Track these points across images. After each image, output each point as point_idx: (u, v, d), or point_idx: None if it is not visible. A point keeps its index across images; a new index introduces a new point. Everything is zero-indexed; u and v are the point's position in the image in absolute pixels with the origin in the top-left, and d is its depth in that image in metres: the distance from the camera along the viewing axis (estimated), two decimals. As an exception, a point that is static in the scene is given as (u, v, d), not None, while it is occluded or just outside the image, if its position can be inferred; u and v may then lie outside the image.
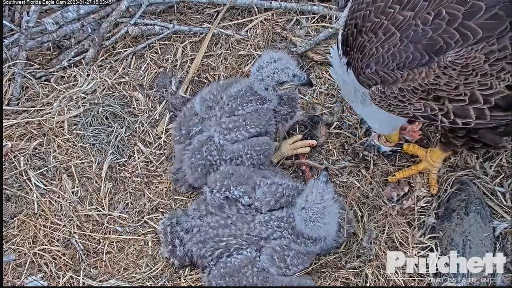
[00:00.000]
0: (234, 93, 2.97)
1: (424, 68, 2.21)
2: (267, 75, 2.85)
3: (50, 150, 3.20)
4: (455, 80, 2.20)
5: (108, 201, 3.10)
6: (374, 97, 2.37)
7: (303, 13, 3.60)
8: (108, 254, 2.96)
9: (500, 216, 2.91)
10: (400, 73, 2.26)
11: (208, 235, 2.77)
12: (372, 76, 2.33)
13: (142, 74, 3.46)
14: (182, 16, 3.66)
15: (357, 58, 2.40)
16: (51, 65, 3.50)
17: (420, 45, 2.21)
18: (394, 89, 2.30)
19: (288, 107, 3.02)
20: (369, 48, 2.33)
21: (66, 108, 3.31)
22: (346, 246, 2.89)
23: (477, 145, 2.58)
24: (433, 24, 2.21)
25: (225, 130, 2.91)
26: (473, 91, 2.22)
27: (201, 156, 2.92)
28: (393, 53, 2.26)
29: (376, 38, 2.32)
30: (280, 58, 2.86)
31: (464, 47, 2.16)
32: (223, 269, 2.69)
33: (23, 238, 2.98)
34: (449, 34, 2.18)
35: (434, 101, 2.28)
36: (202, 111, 3.01)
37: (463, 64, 2.16)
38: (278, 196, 2.76)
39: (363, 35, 2.38)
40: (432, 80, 2.22)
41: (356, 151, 3.13)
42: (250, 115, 2.94)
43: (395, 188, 3.00)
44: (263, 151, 2.93)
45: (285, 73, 2.84)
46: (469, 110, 2.26)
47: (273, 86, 2.88)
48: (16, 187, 3.11)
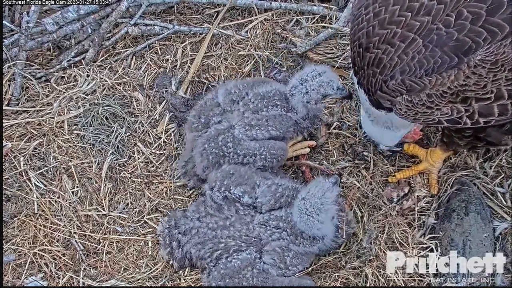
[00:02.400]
0: (263, 92, 2.99)
1: (453, 70, 2.18)
2: (312, 88, 2.89)
3: (50, 150, 3.20)
4: (484, 79, 2.17)
5: (108, 201, 3.10)
6: (400, 107, 2.33)
7: (303, 14, 3.60)
8: (108, 255, 2.96)
9: (500, 217, 2.91)
10: (428, 79, 2.22)
11: (207, 236, 2.77)
12: (397, 87, 2.29)
13: (142, 75, 3.47)
14: (182, 16, 3.66)
15: (371, 74, 2.37)
16: (51, 65, 3.50)
17: (447, 48, 2.18)
18: (422, 96, 2.26)
19: (309, 122, 3.05)
20: (389, 59, 2.30)
21: (66, 108, 3.31)
22: (346, 246, 2.89)
23: (480, 144, 2.57)
24: (456, 25, 2.18)
25: (247, 125, 2.92)
26: (500, 87, 2.19)
27: (216, 144, 2.91)
28: (419, 60, 2.23)
29: (394, 48, 2.29)
30: (324, 72, 2.91)
31: (493, 44, 2.13)
32: (223, 270, 2.69)
33: (23, 238, 2.98)
34: (476, 33, 2.15)
35: (461, 103, 2.25)
36: (225, 103, 3.01)
37: (492, 61, 2.14)
38: (278, 196, 2.76)
39: (373, 50, 2.35)
40: (462, 81, 2.19)
41: (356, 151, 3.13)
42: (273, 117, 2.95)
43: (395, 189, 3.00)
44: (278, 156, 2.95)
45: (331, 87, 2.88)
46: (493, 107, 2.24)
47: (316, 99, 2.92)
48: (16, 187, 3.11)
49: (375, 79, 2.37)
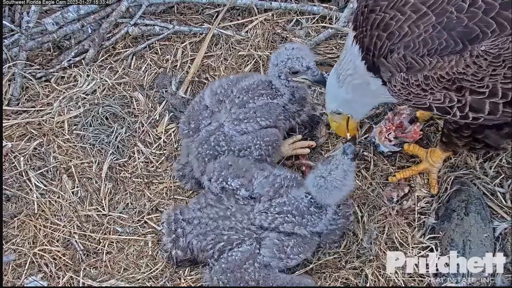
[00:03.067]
0: (246, 86, 2.96)
1: (455, 56, 2.16)
2: (281, 60, 2.84)
3: (50, 150, 3.20)
4: (483, 71, 2.16)
5: (108, 202, 3.10)
6: (395, 84, 2.30)
7: (303, 14, 3.61)
8: (108, 255, 2.96)
9: (500, 217, 2.90)
10: (429, 60, 2.20)
11: (209, 227, 2.75)
12: (399, 62, 2.25)
13: (142, 75, 3.47)
14: (182, 16, 3.67)
15: (376, 35, 2.30)
16: (51, 65, 3.51)
17: (455, 33, 2.16)
18: (419, 77, 2.23)
19: (298, 106, 3.02)
20: (398, 27, 2.25)
21: (66, 108, 3.31)
22: (346, 246, 2.88)
23: (478, 145, 2.57)
24: (468, 12, 2.16)
25: (235, 121, 2.91)
26: (496, 84, 2.18)
27: (209, 146, 2.90)
28: (424, 39, 2.20)
29: (404, 16, 2.24)
30: (299, 48, 2.86)
31: (499, 37, 2.12)
32: (225, 264, 2.68)
33: (23, 238, 2.98)
34: (486, 23, 2.14)
35: (455, 91, 2.23)
36: (212, 105, 3.00)
37: (495, 54, 2.12)
38: (276, 187, 2.75)
39: (379, 13, 2.30)
40: (461, 69, 2.17)
41: (356, 151, 3.13)
42: (261, 107, 2.93)
43: (395, 189, 3.00)
44: (272, 142, 2.92)
45: (299, 62, 2.82)
46: (485, 103, 2.22)
47: (285, 73, 2.86)
48: (16, 187, 3.11)
49: (381, 43, 2.31)
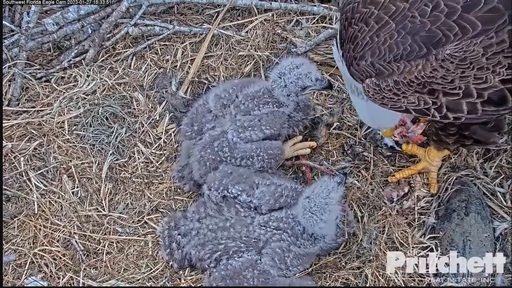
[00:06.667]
0: (251, 93, 2.99)
1: (421, 60, 2.20)
2: (291, 81, 2.88)
3: (50, 150, 3.20)
4: (451, 74, 2.19)
5: (108, 202, 3.10)
6: (368, 90, 2.35)
7: (303, 14, 3.60)
8: (108, 255, 2.96)
9: (500, 217, 2.91)
10: (397, 65, 2.24)
11: (207, 238, 2.77)
12: (367, 68, 2.31)
13: (142, 75, 3.47)
14: (182, 16, 3.66)
15: (348, 49, 2.38)
16: (51, 65, 3.50)
17: (419, 37, 2.20)
18: (389, 82, 2.28)
19: (303, 114, 3.06)
20: (362, 38, 2.32)
21: (66, 108, 3.31)
22: (346, 246, 2.89)
23: (468, 141, 2.56)
24: (431, 16, 2.20)
25: (240, 128, 2.92)
26: (468, 85, 2.21)
27: (212, 151, 2.92)
28: (389, 45, 2.25)
29: (368, 27, 2.31)
30: (302, 64, 2.90)
31: (463, 40, 2.15)
32: (224, 271, 2.70)
33: (23, 238, 2.98)
34: (448, 27, 2.17)
35: (428, 94, 2.26)
36: (216, 109, 3.01)
37: (461, 57, 2.16)
38: (277, 196, 2.77)
39: (353, 26, 2.37)
40: (429, 73, 2.20)
41: (356, 152, 3.13)
42: (266, 116, 2.95)
43: (395, 189, 3.00)
44: (275, 155, 2.96)
45: (309, 78, 2.87)
46: (461, 104, 2.24)
47: (296, 92, 2.91)
48: (16, 187, 3.11)
49: (348, 54, 2.39)
